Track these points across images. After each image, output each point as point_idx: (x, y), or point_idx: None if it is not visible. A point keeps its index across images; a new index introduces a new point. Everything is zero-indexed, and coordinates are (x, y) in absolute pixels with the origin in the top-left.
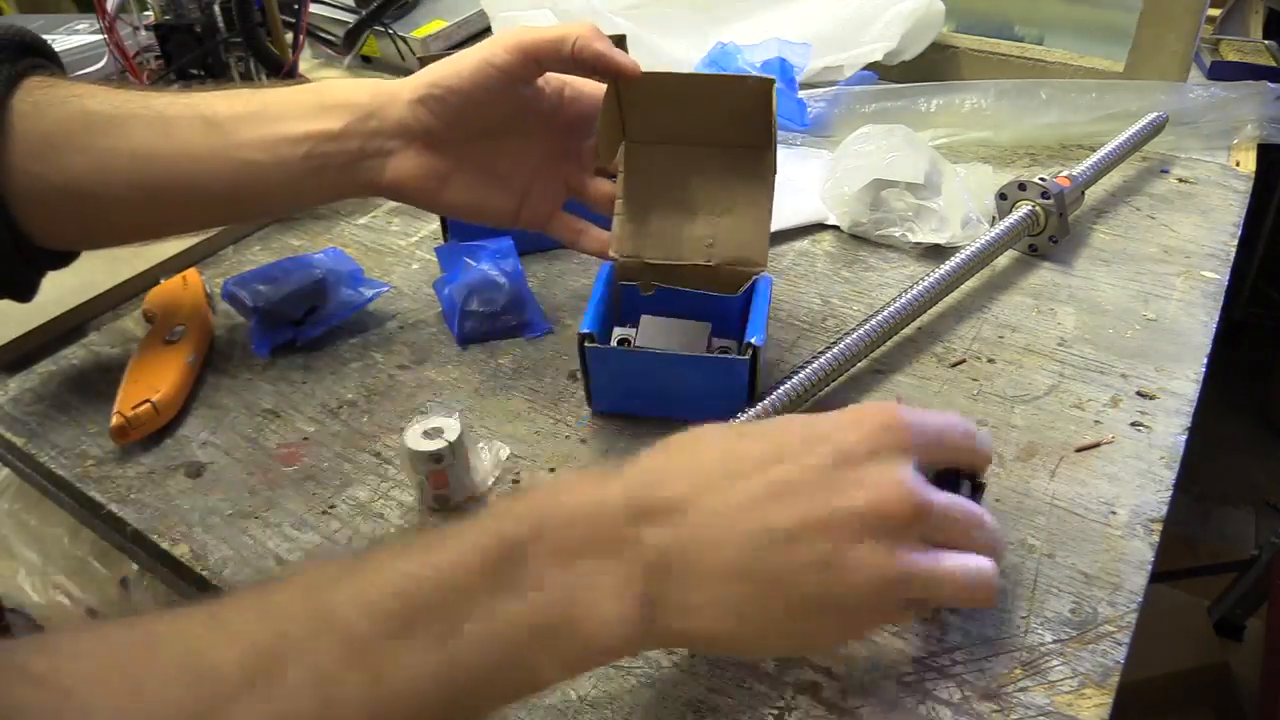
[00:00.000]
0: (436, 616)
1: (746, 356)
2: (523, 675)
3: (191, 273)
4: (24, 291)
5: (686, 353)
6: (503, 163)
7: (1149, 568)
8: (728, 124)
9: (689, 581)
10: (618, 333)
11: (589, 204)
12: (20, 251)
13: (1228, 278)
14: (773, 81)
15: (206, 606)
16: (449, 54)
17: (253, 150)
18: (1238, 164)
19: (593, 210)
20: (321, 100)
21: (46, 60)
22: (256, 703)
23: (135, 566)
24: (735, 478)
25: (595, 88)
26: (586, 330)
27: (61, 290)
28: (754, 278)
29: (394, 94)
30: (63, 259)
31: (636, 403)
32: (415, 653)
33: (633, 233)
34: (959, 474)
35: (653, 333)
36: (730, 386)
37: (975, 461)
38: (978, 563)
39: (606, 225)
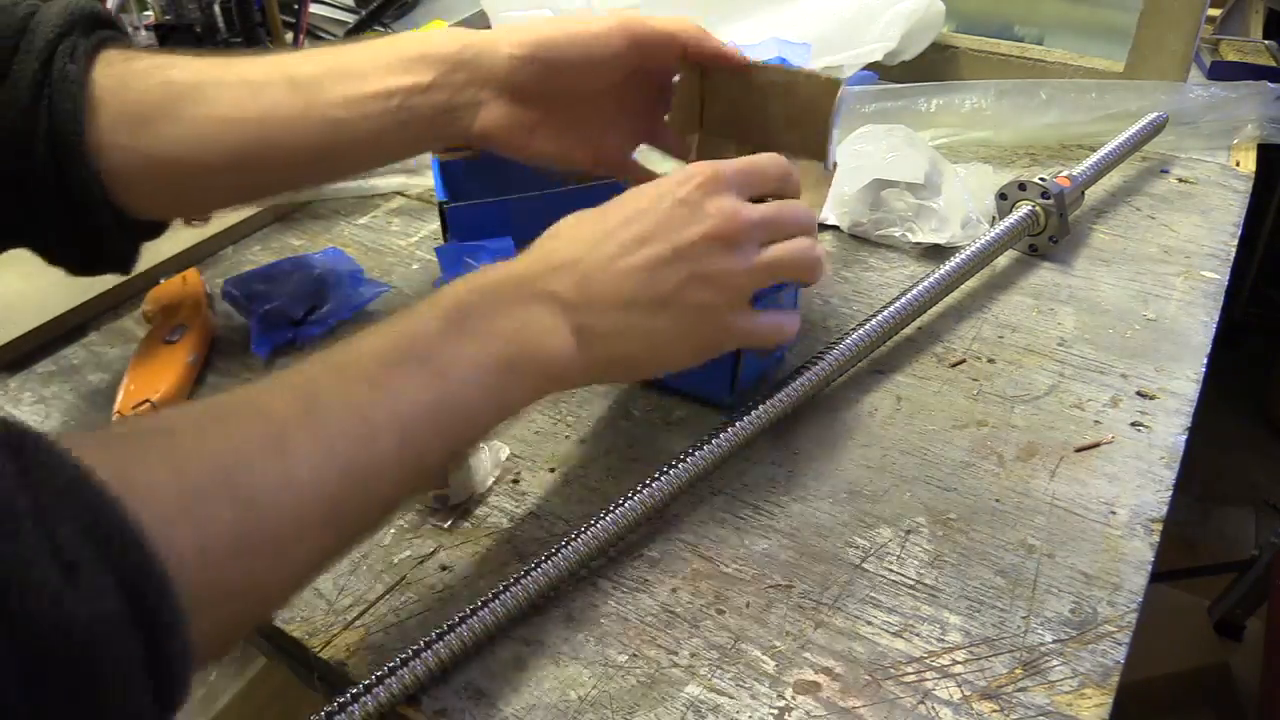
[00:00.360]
0: (421, 362)
1: None
2: (501, 400)
3: (191, 273)
4: (125, 264)
5: None
6: (585, 113)
7: (1149, 568)
8: (791, 127)
9: (597, 314)
10: None
11: (664, 150)
12: (120, 226)
13: (1228, 278)
14: (838, 84)
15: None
16: None
17: (341, 108)
18: (1238, 164)
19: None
20: (406, 53)
21: (116, 32)
22: (311, 426)
23: None
24: (609, 237)
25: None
26: None
27: (62, 290)
28: None
29: (489, 46)
30: (157, 228)
31: None
32: (414, 388)
33: None
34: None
35: None
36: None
37: (786, 189)
38: (802, 245)
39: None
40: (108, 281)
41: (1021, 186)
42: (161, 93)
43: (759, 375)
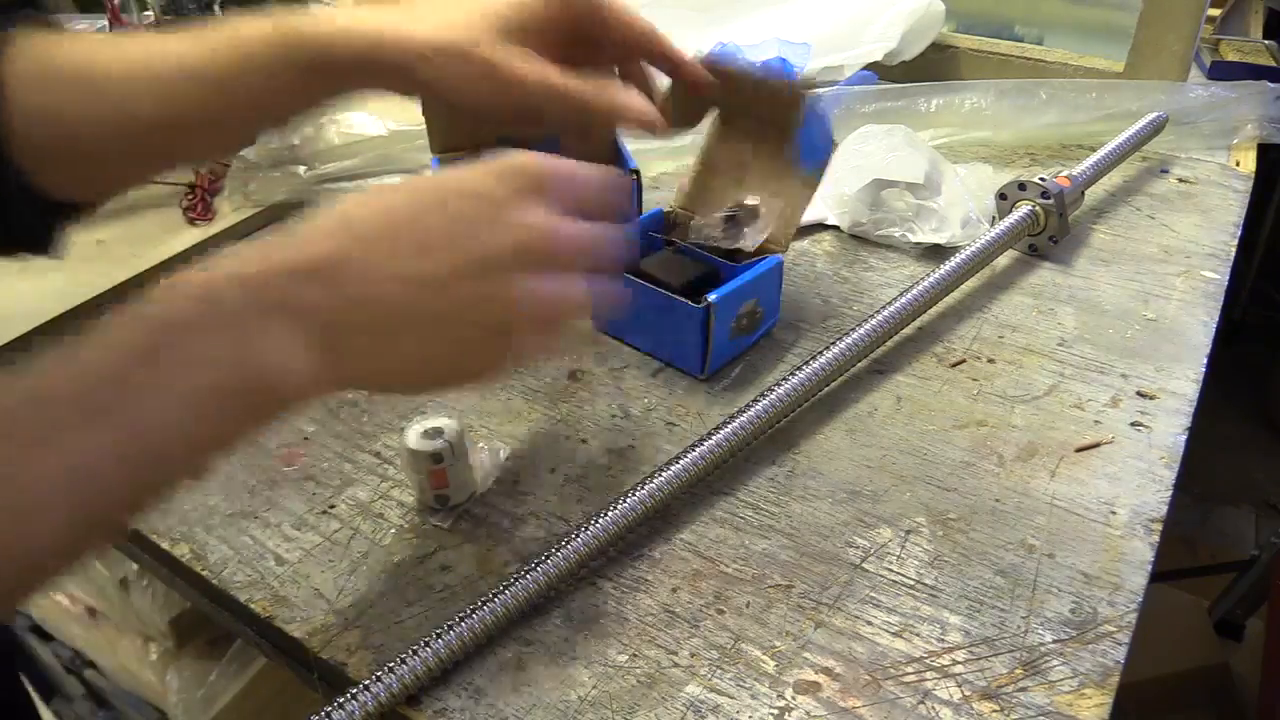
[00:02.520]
0: (99, 413)
1: (700, 307)
2: (216, 434)
3: None
4: (45, 245)
5: (655, 286)
6: None
7: (1149, 568)
8: (779, 128)
9: (354, 331)
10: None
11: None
12: (27, 200)
13: (1228, 278)
14: (798, 99)
15: None
16: None
17: (226, 64)
18: (1238, 164)
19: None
20: (296, 42)
21: (33, 10)
22: None
23: (135, 566)
24: (389, 234)
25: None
26: None
27: (62, 290)
28: (766, 254)
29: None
30: (79, 211)
31: (622, 327)
32: (91, 445)
33: (697, 192)
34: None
35: (660, 263)
36: (683, 334)
37: (605, 211)
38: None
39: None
40: (107, 282)
41: (1021, 186)
42: (63, 69)
43: (734, 355)
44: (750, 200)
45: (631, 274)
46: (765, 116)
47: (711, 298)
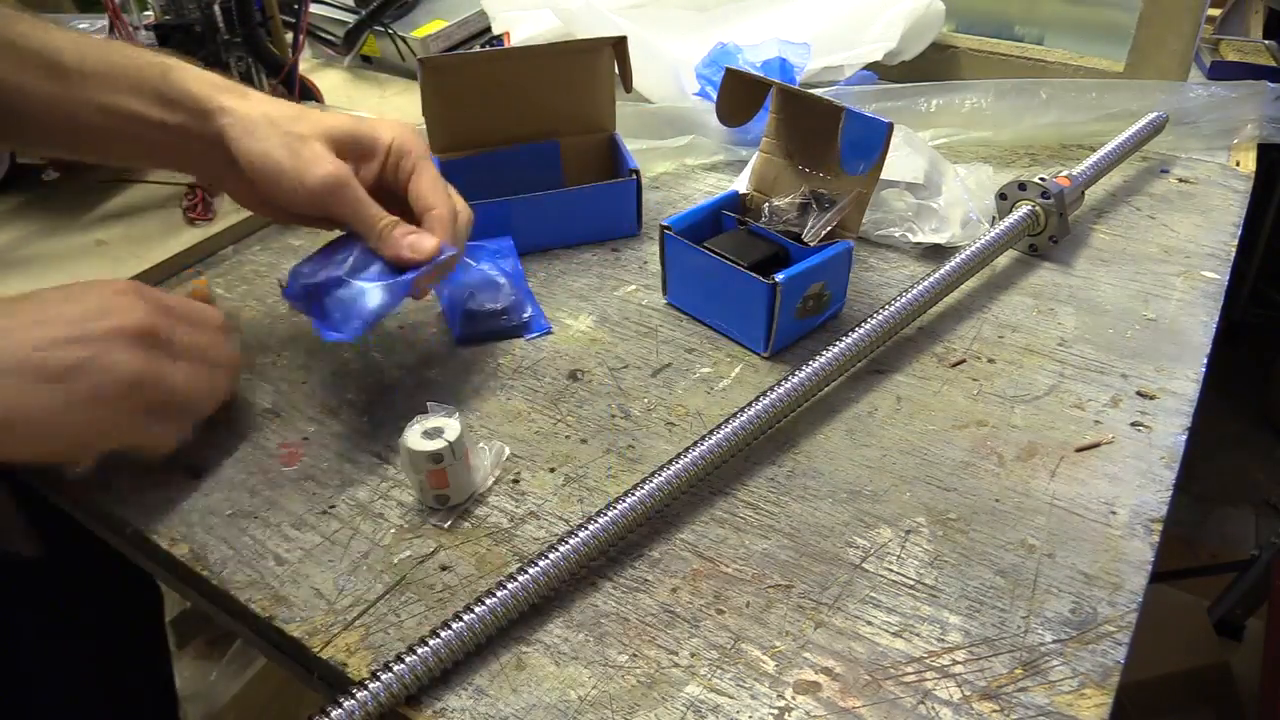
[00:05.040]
0: None
1: (767, 284)
2: None
3: (199, 283)
4: None
5: (727, 258)
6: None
7: (1149, 568)
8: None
9: None
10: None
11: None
12: None
13: (1228, 278)
14: (835, 110)
15: None
16: (449, 54)
17: (93, 113)
18: (1238, 164)
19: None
20: (166, 88)
21: None
22: None
23: None
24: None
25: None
26: (667, 224)
27: None
28: (836, 240)
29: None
30: None
31: (694, 302)
32: None
33: (771, 177)
34: None
35: (731, 241)
36: (749, 311)
37: (210, 352)
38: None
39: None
40: None
41: (1021, 186)
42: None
43: (799, 336)
44: (822, 187)
45: (703, 250)
46: (816, 121)
47: (779, 277)
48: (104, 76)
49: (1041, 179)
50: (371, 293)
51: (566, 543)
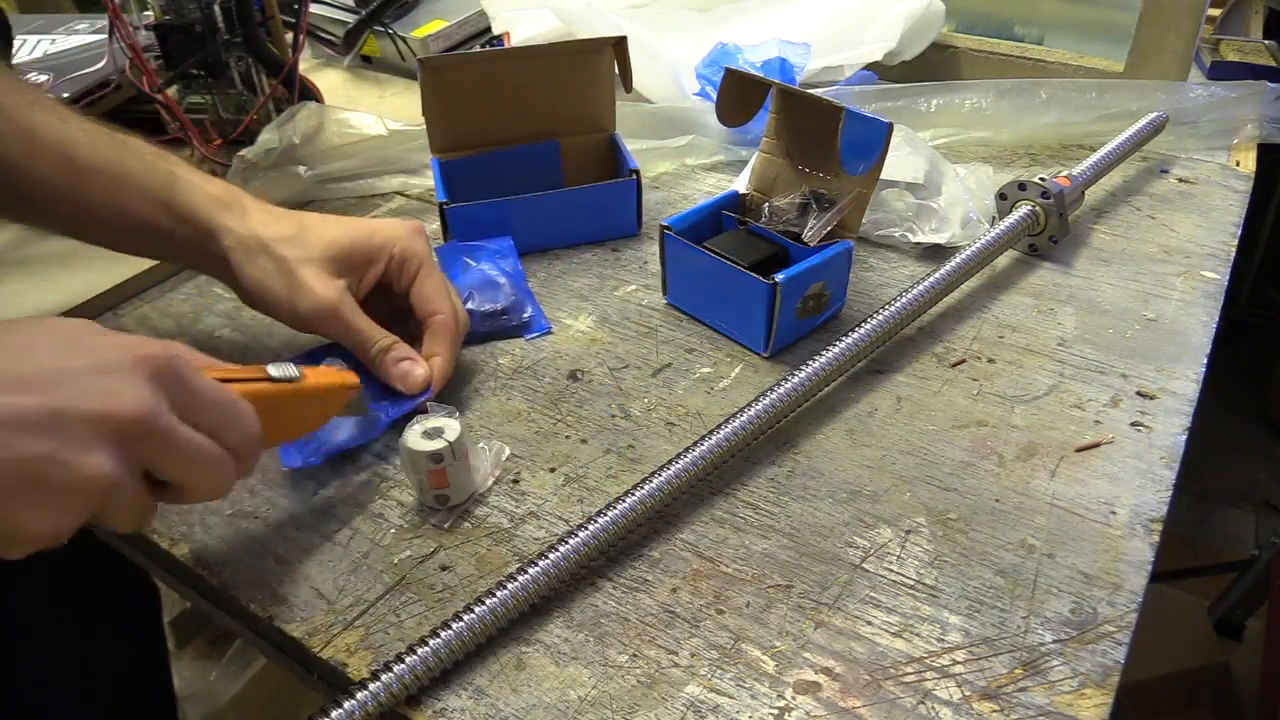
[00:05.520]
0: None
1: (767, 284)
2: None
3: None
4: None
5: (727, 258)
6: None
7: (1149, 568)
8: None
9: None
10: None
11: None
12: None
13: (1228, 278)
14: (834, 111)
15: None
16: (449, 54)
17: (100, 210)
18: (1238, 164)
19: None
20: (173, 202)
21: None
22: None
23: None
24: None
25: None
26: (667, 224)
27: (62, 291)
28: (836, 240)
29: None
30: None
31: (694, 302)
32: None
33: (770, 177)
34: None
35: (731, 241)
36: (751, 307)
37: (228, 438)
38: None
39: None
40: (107, 282)
41: (1021, 186)
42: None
43: (799, 336)
44: (822, 187)
45: (703, 250)
46: (816, 122)
47: (779, 277)
48: (116, 179)
49: (1041, 179)
50: (343, 426)
51: (566, 543)
